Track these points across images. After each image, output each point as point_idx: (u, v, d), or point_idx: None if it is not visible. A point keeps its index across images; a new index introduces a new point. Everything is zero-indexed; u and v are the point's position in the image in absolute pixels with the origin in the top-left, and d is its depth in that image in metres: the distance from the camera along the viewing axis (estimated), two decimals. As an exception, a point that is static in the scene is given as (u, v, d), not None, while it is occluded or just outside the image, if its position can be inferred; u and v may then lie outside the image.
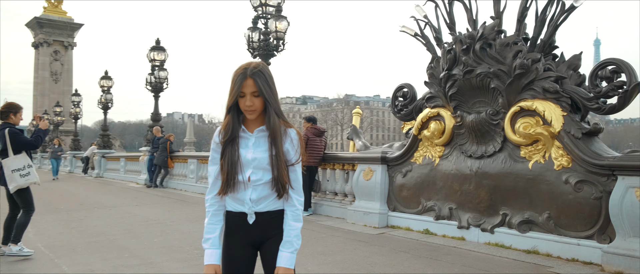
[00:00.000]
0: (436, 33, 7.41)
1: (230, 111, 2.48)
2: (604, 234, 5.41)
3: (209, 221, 2.54)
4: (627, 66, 5.42)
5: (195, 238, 7.17)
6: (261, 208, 2.49)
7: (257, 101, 2.41)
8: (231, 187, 2.46)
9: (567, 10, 5.98)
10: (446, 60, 6.83)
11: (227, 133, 2.47)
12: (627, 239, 5.08)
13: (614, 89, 5.52)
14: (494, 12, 6.64)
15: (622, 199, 5.10)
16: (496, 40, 6.35)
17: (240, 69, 2.44)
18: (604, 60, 5.63)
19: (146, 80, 18.55)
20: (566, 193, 5.73)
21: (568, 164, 5.75)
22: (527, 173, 6.13)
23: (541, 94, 6.00)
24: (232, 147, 2.46)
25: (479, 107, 6.71)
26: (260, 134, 2.49)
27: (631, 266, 4.96)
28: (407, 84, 8.11)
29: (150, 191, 15.24)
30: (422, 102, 7.69)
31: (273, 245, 2.53)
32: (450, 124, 7.05)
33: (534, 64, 6.04)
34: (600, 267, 5.28)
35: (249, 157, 2.46)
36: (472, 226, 6.70)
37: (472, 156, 6.78)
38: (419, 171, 7.58)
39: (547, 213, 5.90)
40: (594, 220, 5.49)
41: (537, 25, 6.27)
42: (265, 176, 2.46)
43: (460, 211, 6.91)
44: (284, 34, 11.38)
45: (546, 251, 5.86)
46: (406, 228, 7.64)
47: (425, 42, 7.61)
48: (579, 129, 5.69)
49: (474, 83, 6.56)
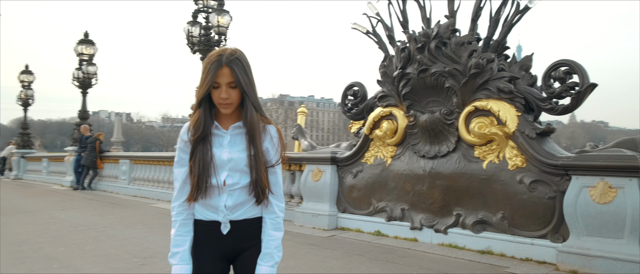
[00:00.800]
0: (389, 31, 7.29)
1: (201, 104, 2.14)
2: (558, 233, 5.45)
3: (177, 232, 2.19)
4: (580, 67, 5.49)
5: (133, 244, 6.63)
6: (237, 216, 2.18)
7: (233, 93, 2.10)
8: (202, 192, 2.13)
9: (521, 10, 6.02)
10: (400, 59, 6.71)
11: (197, 130, 2.13)
12: (581, 238, 5.13)
13: (567, 89, 5.59)
14: (448, 11, 6.60)
15: (577, 198, 5.14)
16: (451, 39, 6.30)
17: (214, 55, 2.11)
18: (557, 61, 5.69)
19: (73, 75, 17.37)
20: (520, 193, 5.74)
21: (522, 164, 5.77)
22: (482, 173, 6.11)
23: (496, 94, 5.99)
24: (203, 146, 2.13)
25: (432, 106, 6.63)
26: (236, 132, 2.17)
27: (585, 264, 5.01)
28: (357, 82, 7.93)
29: (78, 193, 14.23)
30: (373, 101, 7.54)
31: (250, 258, 2.22)
32: (403, 124, 6.93)
33: (489, 64, 6.03)
34: (554, 266, 5.31)
35: (224, 158, 2.13)
36: (425, 227, 6.61)
37: (426, 156, 6.69)
38: (370, 172, 7.42)
39: (502, 213, 5.89)
40: (548, 219, 5.53)
41: (491, 25, 6.28)
42: (243, 180, 2.15)
43: (413, 211, 6.81)
44: (227, 28, 10.93)
45: (500, 251, 5.85)
46: (357, 229, 7.46)
47: (377, 40, 7.48)
48: (533, 129, 5.72)
49: (429, 82, 6.47)
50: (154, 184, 12.59)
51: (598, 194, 4.99)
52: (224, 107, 2.13)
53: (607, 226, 4.93)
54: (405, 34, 6.91)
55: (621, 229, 4.84)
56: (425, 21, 6.83)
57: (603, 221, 4.95)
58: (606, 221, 4.93)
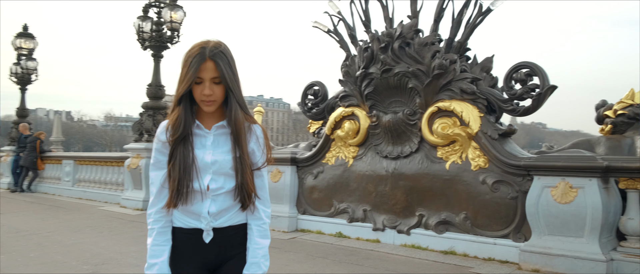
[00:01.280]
0: (351, 30, 7.21)
1: (181, 101, 1.95)
2: (520, 232, 5.52)
3: (155, 242, 1.99)
4: (540, 69, 5.59)
5: (82, 250, 6.25)
6: (221, 223, 2.01)
7: (217, 89, 1.93)
8: (183, 197, 1.94)
9: (483, 12, 6.07)
10: (363, 59, 6.64)
11: (177, 130, 1.94)
12: (542, 237, 5.21)
13: (528, 91, 5.68)
14: (411, 11, 6.58)
15: (538, 198, 5.22)
16: (414, 39, 6.29)
17: (196, 48, 1.93)
18: (518, 63, 5.77)
19: (10, 70, 16.34)
20: (483, 193, 5.79)
21: (485, 165, 5.82)
22: (444, 174, 6.12)
23: (459, 94, 6.02)
24: (184, 147, 1.94)
25: (395, 107, 6.60)
26: (220, 132, 2.00)
27: (547, 263, 5.09)
28: (318, 82, 7.82)
29: (17, 196, 13.38)
30: (334, 101, 7.44)
31: (234, 268, 2.05)
32: (366, 124, 6.87)
33: (452, 65, 6.05)
34: (517, 265, 5.37)
35: (208, 160, 1.96)
36: (388, 228, 6.57)
37: (388, 157, 6.65)
38: (332, 172, 7.32)
39: (464, 213, 5.93)
40: (510, 219, 5.60)
41: (454, 27, 6.30)
42: (228, 184, 1.98)
43: (375, 212, 6.76)
44: (180, 25, 10.56)
45: (463, 251, 5.88)
46: (317, 231, 7.33)
47: (338, 40, 7.39)
48: (495, 130, 5.78)
49: (392, 82, 6.43)
50: (101, 185, 12.01)
51: (559, 194, 5.08)
52: (206, 104, 1.95)
53: (568, 226, 5.04)
54: (368, 34, 6.86)
55: (581, 228, 4.95)
56: (388, 21, 6.79)
57: (564, 220, 5.05)
58: (567, 221, 5.03)
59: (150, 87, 10.71)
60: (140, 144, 10.36)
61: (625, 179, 4.96)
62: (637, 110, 5.89)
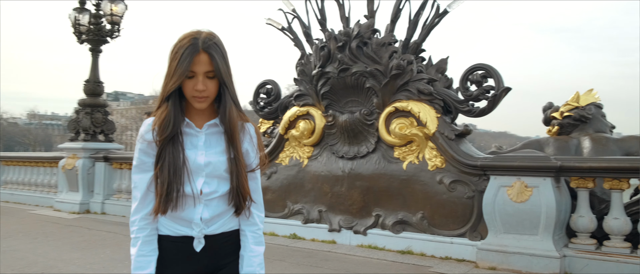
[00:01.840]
0: (306, 28, 7.10)
1: (170, 98, 1.77)
2: (476, 231, 5.63)
3: (140, 252, 1.80)
4: (496, 71, 5.72)
5: (16, 258, 5.77)
6: (214, 230, 1.85)
7: (211, 84, 1.77)
8: (173, 203, 1.76)
9: (440, 14, 6.15)
10: (319, 57, 6.55)
11: (166, 128, 1.76)
12: (499, 235, 5.33)
13: (484, 92, 5.79)
14: (368, 11, 6.57)
15: (495, 197, 5.33)
16: (372, 39, 6.27)
17: (188, 39, 1.76)
18: (474, 65, 5.88)
19: None
20: (440, 193, 5.85)
21: (442, 165, 5.88)
22: (402, 174, 6.14)
23: (416, 95, 6.05)
24: (173, 147, 1.77)
25: (351, 106, 6.56)
26: (212, 131, 1.84)
27: (504, 261, 5.21)
28: (270, 80, 7.65)
29: None
30: (288, 100, 7.30)
31: None
32: (321, 124, 6.78)
33: (409, 66, 6.08)
34: (474, 264, 5.46)
35: (201, 162, 1.80)
36: (344, 229, 6.51)
37: (344, 157, 6.60)
38: (285, 173, 7.18)
39: (421, 213, 5.97)
40: (467, 218, 5.69)
41: (410, 27, 6.35)
42: (222, 187, 1.83)
43: (331, 213, 6.69)
44: (121, 18, 10.03)
45: (420, 251, 5.92)
46: (271, 233, 7.17)
47: (293, 37, 7.26)
48: (452, 130, 5.86)
49: (349, 82, 6.38)
50: (31, 188, 11.22)
51: (515, 193, 5.21)
52: (199, 101, 1.78)
53: (523, 224, 5.17)
54: (324, 32, 6.78)
55: (536, 226, 5.10)
56: (344, 20, 6.75)
57: (519, 218, 5.19)
58: (522, 219, 5.17)
59: (88, 84, 10.10)
60: (77, 144, 9.75)
61: (576, 179, 5.15)
62: (582, 112, 6.17)
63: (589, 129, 6.15)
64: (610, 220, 4.96)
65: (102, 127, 10.13)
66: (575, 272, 4.97)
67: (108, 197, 9.52)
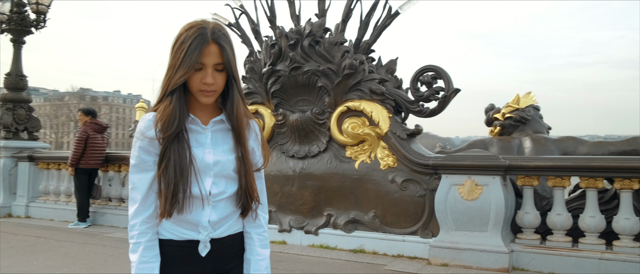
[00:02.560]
0: (254, 25, 6.96)
1: (174, 92, 1.64)
2: (427, 229, 5.75)
3: (142, 258, 1.67)
4: (445, 73, 5.88)
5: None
6: (220, 233, 1.75)
7: (219, 77, 1.66)
8: (179, 205, 1.64)
9: (392, 15, 6.22)
10: (270, 55, 6.44)
11: (171, 125, 1.63)
12: (450, 232, 5.48)
13: (434, 93, 5.93)
14: (319, 10, 6.54)
15: (447, 196, 5.48)
16: (324, 38, 6.25)
17: (195, 28, 1.64)
18: (424, 66, 6.01)
19: None
20: (392, 192, 5.93)
21: (394, 164, 5.96)
22: (353, 173, 6.16)
23: (368, 95, 6.09)
24: (179, 145, 1.64)
25: (302, 105, 6.50)
26: (217, 127, 1.74)
27: (455, 257, 5.36)
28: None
29: None
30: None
31: None
32: (271, 123, 6.66)
33: (361, 65, 6.11)
34: (427, 261, 5.58)
35: (210, 161, 1.69)
36: (295, 229, 6.44)
37: (295, 156, 6.53)
38: (232, 173, 6.99)
39: (373, 212, 6.02)
40: (418, 217, 5.80)
41: (361, 28, 6.38)
42: (230, 188, 1.73)
43: (281, 213, 6.59)
44: (48, 7, 9.35)
45: (372, 249, 5.97)
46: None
47: (240, 34, 7.09)
48: (404, 130, 5.95)
49: (300, 80, 6.32)
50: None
51: (466, 191, 5.38)
52: (206, 95, 1.67)
53: (473, 221, 5.35)
54: (274, 30, 6.66)
55: (486, 223, 5.29)
56: (295, 18, 6.67)
57: (470, 216, 5.36)
58: (473, 216, 5.34)
59: (10, 77, 9.34)
60: (-3, 142, 9.00)
61: (522, 177, 5.40)
62: (522, 113, 6.48)
63: (529, 129, 6.47)
64: (554, 216, 5.24)
65: (26, 124, 9.42)
66: (522, 266, 5.21)
67: (33, 200, 8.85)
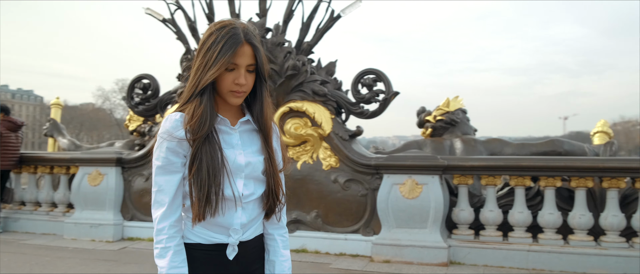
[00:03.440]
0: (191, 22, 6.77)
1: (204, 92, 1.62)
2: (369, 227, 5.92)
3: (172, 263, 1.64)
4: (386, 76, 6.09)
5: None
6: (248, 236, 1.77)
7: (250, 78, 1.66)
8: (212, 207, 1.62)
9: (334, 18, 6.33)
10: (210, 53, 6.29)
11: (202, 125, 1.60)
12: (391, 230, 5.68)
13: (374, 95, 6.12)
14: (260, 9, 6.51)
15: (388, 195, 5.68)
16: (266, 38, 6.23)
17: (228, 28, 1.63)
18: (365, 69, 6.18)
19: None
20: (335, 192, 6.04)
21: (336, 164, 6.07)
22: (296, 173, 6.19)
23: (310, 96, 6.16)
24: (210, 146, 1.62)
25: (242, 105, 6.42)
26: (244, 128, 1.75)
27: (397, 254, 5.57)
28: (148, 74, 7.12)
29: None
30: (171, 97, 6.89)
31: None
32: (209, 122, 6.51)
33: (304, 67, 6.17)
34: (369, 258, 5.74)
35: (241, 162, 1.68)
36: (234, 231, 6.34)
37: (235, 157, 6.43)
38: (167, 174, 6.74)
39: (316, 212, 6.09)
40: (360, 215, 5.96)
41: (303, 29, 6.43)
42: (258, 189, 1.74)
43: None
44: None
45: (314, 249, 6.04)
46: (150, 239, 6.68)
47: (176, 31, 6.87)
48: (346, 131, 6.08)
49: (242, 80, 6.24)
50: None
51: (407, 190, 5.61)
52: (237, 95, 1.66)
53: (414, 218, 5.59)
54: (212, 28, 6.52)
55: (425, 220, 5.55)
56: (234, 17, 6.57)
57: (411, 214, 5.59)
58: (413, 214, 5.59)
59: None
60: None
61: (458, 176, 5.73)
62: (452, 116, 6.87)
63: (458, 131, 6.87)
64: (487, 212, 5.62)
65: None
66: (458, 260, 5.53)
67: None
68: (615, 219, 5.19)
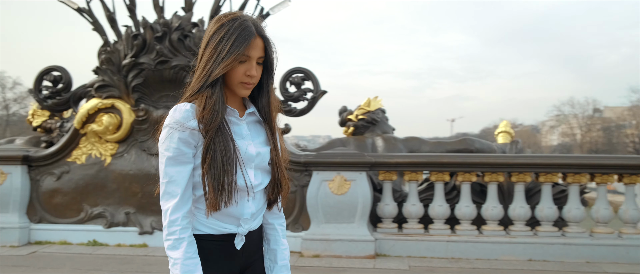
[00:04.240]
0: (110, 13, 6.42)
1: (216, 83, 1.63)
2: (298, 223, 6.01)
3: (187, 254, 1.63)
4: (314, 75, 6.22)
5: None
6: (254, 225, 1.81)
7: (259, 71, 1.70)
8: (226, 197, 1.64)
9: (263, 16, 6.35)
10: (132, 46, 6.04)
11: (216, 116, 1.61)
12: (321, 225, 5.82)
13: (303, 94, 6.23)
14: (186, 4, 6.39)
15: (318, 191, 5.81)
16: (193, 33, 6.10)
17: (239, 21, 1.65)
18: (294, 68, 6.27)
19: None
20: (264, 189, 6.04)
21: (265, 162, 6.08)
22: (223, 171, 6.12)
23: (239, 93, 6.11)
24: (222, 137, 1.63)
25: (167, 101, 6.23)
26: (251, 119, 1.79)
27: (327, 248, 5.73)
28: (59, 66, 6.64)
29: None
30: (85, 91, 6.49)
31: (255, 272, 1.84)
32: (130, 119, 6.23)
33: (232, 63, 6.11)
34: (299, 253, 5.84)
35: (252, 152, 1.72)
36: (157, 230, 6.14)
37: (158, 154, 6.21)
38: (81, 172, 6.35)
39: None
40: (290, 212, 6.02)
41: (230, 26, 6.37)
42: (265, 179, 1.79)
43: (141, 215, 6.21)
44: None
45: (243, 247, 6.00)
46: (62, 242, 6.25)
47: (92, 21, 6.48)
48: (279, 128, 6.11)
49: (167, 75, 6.06)
50: None
51: (336, 186, 5.78)
52: (247, 87, 1.69)
53: (342, 213, 5.77)
54: (133, 19, 6.27)
55: (353, 215, 5.76)
56: (158, 9, 6.35)
57: (339, 209, 5.77)
58: (342, 209, 5.77)
59: None
60: None
61: (383, 172, 5.99)
62: (373, 115, 7.16)
63: (378, 130, 7.17)
64: (409, 206, 5.94)
65: None
66: (384, 252, 5.79)
67: None
68: (522, 210, 5.75)
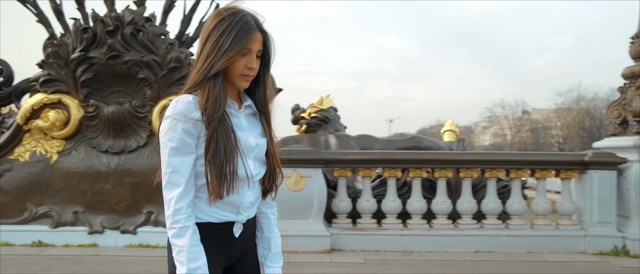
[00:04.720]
0: (56, 5, 6.18)
1: (218, 76, 1.68)
2: (254, 220, 6.02)
3: (192, 242, 1.68)
4: None
5: None
6: (251, 214, 1.88)
7: (258, 64, 1.77)
8: (229, 186, 1.71)
9: (218, 13, 6.30)
10: (82, 40, 5.84)
11: (218, 107, 1.66)
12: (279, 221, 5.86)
13: None
14: (138, -3, 6.22)
15: (274, 187, 5.85)
16: (147, 28, 5.98)
17: (240, 14, 1.71)
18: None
19: None
20: (219, 186, 6.02)
21: (221, 159, 6.06)
22: (178, 168, 6.04)
23: (194, 89, 6.06)
24: (224, 128, 1.69)
25: (118, 97, 6.07)
26: (249, 111, 1.85)
27: (283, 244, 5.61)
28: (0, 60, 6.32)
29: None
30: (28, 85, 6.21)
31: (252, 262, 1.95)
32: (78, 115, 6.03)
33: (187, 59, 6.06)
34: (255, 250, 5.85)
35: (252, 143, 1.79)
36: (108, 229, 5.98)
37: (109, 151, 6.05)
38: (25, 171, 6.07)
39: (199, 207, 6.01)
40: (245, 209, 6.03)
41: (185, 21, 6.32)
42: (262, 170, 1.86)
43: (90, 214, 6.03)
44: None
45: (198, 244, 5.96)
46: (4, 243, 5.97)
47: (37, 13, 6.22)
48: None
49: (119, 70, 5.91)
50: None
51: (292, 182, 5.86)
52: (246, 79, 1.75)
53: (299, 209, 5.85)
54: (82, 12, 6.06)
55: (309, 211, 5.86)
56: (109, 3, 6.17)
57: (296, 205, 5.85)
58: (298, 205, 5.85)
59: None
60: None
61: (338, 169, 6.12)
62: (326, 113, 7.28)
63: (330, 128, 7.30)
64: (363, 202, 6.11)
65: None
66: (339, 247, 5.93)
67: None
68: (469, 204, 6.05)
